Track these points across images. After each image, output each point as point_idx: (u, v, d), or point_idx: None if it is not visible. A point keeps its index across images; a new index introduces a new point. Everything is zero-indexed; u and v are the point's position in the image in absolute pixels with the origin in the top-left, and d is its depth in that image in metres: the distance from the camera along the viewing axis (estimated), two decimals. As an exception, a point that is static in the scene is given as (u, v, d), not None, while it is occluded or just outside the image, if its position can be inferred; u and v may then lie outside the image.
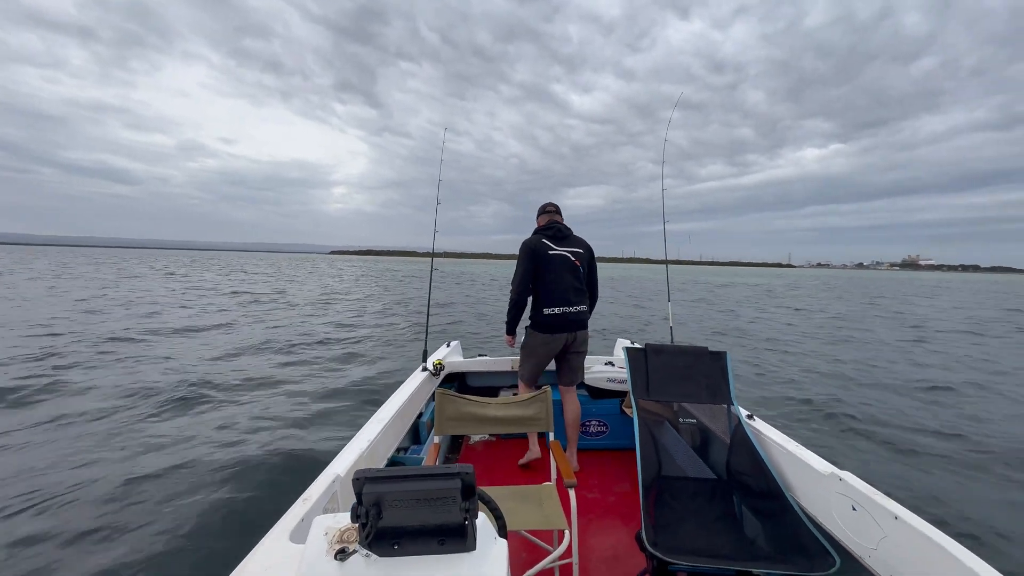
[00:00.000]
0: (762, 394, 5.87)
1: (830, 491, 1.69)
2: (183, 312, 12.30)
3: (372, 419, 2.24)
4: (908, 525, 1.36)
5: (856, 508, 1.56)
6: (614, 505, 2.56)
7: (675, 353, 2.50)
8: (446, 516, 0.83)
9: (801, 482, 1.87)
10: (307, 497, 1.45)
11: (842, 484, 1.64)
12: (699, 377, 2.42)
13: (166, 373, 6.10)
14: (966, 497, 3.35)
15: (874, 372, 7.34)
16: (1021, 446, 4.24)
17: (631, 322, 13.29)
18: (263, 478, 3.35)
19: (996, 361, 8.55)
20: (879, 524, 1.46)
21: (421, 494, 0.82)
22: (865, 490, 1.55)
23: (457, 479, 0.82)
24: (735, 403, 2.34)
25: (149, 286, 20.00)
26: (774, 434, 2.12)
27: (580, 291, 2.80)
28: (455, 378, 3.63)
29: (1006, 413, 5.33)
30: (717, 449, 2.32)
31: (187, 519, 2.83)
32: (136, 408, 4.75)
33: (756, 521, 1.92)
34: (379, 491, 0.81)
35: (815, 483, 1.78)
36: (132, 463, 3.54)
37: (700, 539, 1.82)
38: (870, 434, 4.49)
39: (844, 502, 1.62)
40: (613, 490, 2.71)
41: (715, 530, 1.89)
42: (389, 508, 0.82)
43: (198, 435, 4.11)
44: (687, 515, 1.98)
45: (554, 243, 2.79)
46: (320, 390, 5.60)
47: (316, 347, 8.31)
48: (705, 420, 2.48)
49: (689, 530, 1.88)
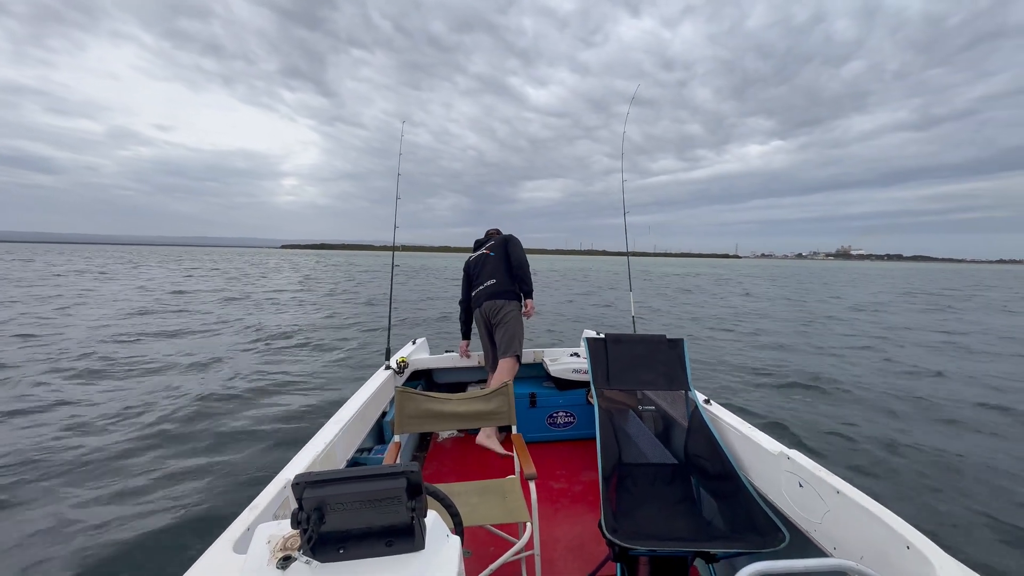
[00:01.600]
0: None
1: (779, 469, 1.77)
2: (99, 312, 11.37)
3: (330, 420, 2.17)
4: (849, 499, 1.44)
5: (803, 484, 1.64)
6: (580, 495, 2.59)
7: (634, 342, 2.55)
8: (393, 517, 0.81)
9: (753, 462, 1.95)
10: (255, 505, 1.37)
11: (790, 462, 1.72)
12: (657, 365, 2.48)
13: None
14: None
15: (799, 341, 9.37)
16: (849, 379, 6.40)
17: (596, 311, 13.68)
18: (216, 488, 3.18)
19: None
20: (823, 499, 1.54)
21: (365, 495, 0.79)
22: (810, 467, 1.64)
23: (402, 478, 0.80)
24: (692, 389, 2.42)
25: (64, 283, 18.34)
26: (729, 417, 2.21)
27: (491, 274, 3.27)
28: (422, 375, 3.57)
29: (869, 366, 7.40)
30: (676, 434, 2.39)
31: (129, 532, 2.68)
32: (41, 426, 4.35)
33: (712, 502, 1.99)
34: (320, 495, 0.78)
35: (765, 463, 1.86)
36: (67, 480, 3.25)
37: (659, 523, 1.87)
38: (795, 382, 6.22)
39: (792, 479, 1.70)
40: (580, 479, 2.74)
41: (674, 513, 1.95)
42: (332, 512, 0.79)
43: (137, 448, 3.81)
44: (647, 500, 2.03)
45: (473, 253, 3.45)
46: (277, 394, 5.36)
47: (266, 347, 7.92)
48: (665, 406, 2.55)
49: (649, 515, 1.93)
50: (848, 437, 4.32)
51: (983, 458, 3.95)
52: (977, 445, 4.24)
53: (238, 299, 14.93)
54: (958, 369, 7.21)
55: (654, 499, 2.04)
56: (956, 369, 7.20)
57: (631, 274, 3.75)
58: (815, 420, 4.79)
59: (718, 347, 8.58)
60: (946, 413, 5.09)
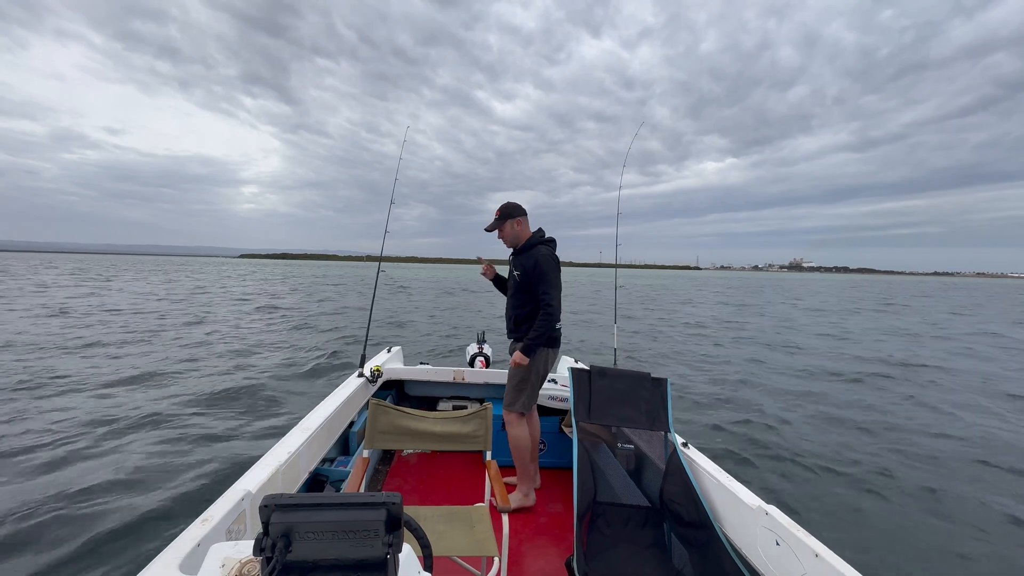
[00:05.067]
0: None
1: (756, 524, 1.69)
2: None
3: (296, 428, 2.03)
4: (828, 564, 1.37)
5: (780, 543, 1.56)
6: (546, 526, 2.49)
7: (618, 376, 2.47)
8: (367, 551, 0.73)
9: (729, 514, 1.87)
10: (207, 518, 1.23)
11: (767, 518, 1.64)
12: (639, 402, 2.39)
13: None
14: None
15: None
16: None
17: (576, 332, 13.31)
18: (167, 497, 2.95)
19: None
20: (800, 561, 1.47)
21: (340, 526, 0.72)
22: (788, 525, 1.56)
23: (383, 509, 0.73)
24: (672, 430, 2.34)
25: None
26: (707, 464, 2.12)
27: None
28: (393, 385, 3.43)
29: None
30: (652, 476, 2.31)
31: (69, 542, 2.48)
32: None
33: (684, 551, 1.92)
34: (290, 520, 0.70)
35: (742, 515, 1.79)
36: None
37: (629, 567, 1.82)
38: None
39: (769, 536, 1.62)
40: (547, 511, 2.64)
41: (644, 559, 1.89)
42: (300, 540, 0.71)
43: (83, 455, 3.45)
44: (619, 542, 1.97)
45: (547, 246, 2.61)
46: (248, 404, 5.01)
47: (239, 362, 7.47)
48: (642, 446, 2.47)
49: (619, 558, 1.87)
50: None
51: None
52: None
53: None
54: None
55: (626, 542, 1.98)
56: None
57: (615, 289, 3.63)
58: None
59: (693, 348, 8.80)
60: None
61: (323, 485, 2.30)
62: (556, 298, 2.48)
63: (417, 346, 9.35)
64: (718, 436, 4.73)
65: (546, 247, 2.58)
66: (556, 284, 2.50)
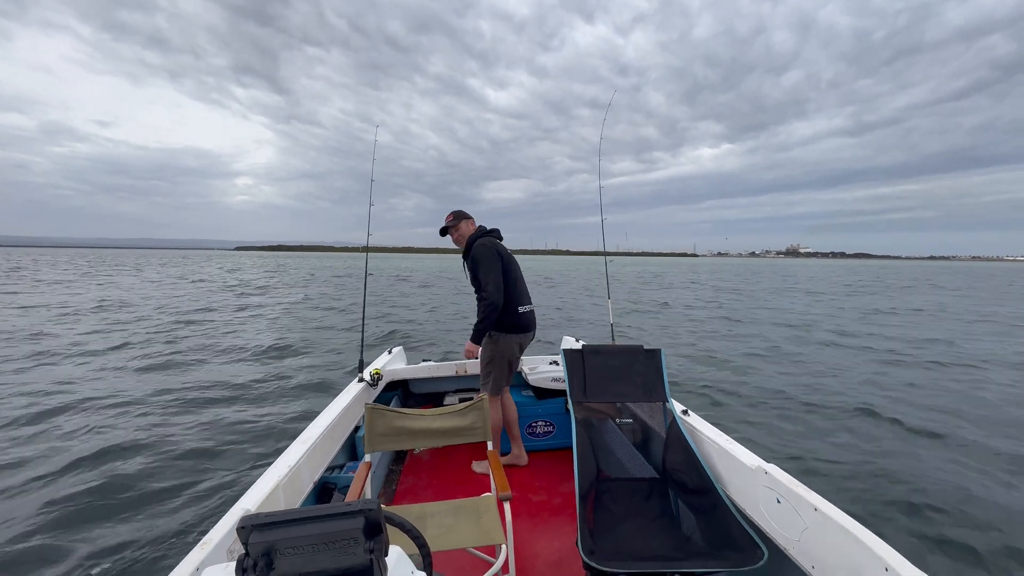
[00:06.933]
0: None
1: (757, 484, 1.74)
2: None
3: (296, 440, 2.03)
4: (827, 517, 1.42)
5: (780, 500, 1.61)
6: (559, 507, 2.52)
7: (611, 353, 2.49)
8: (350, 559, 0.75)
9: (731, 476, 1.92)
10: (206, 542, 1.24)
11: (767, 477, 1.69)
12: (635, 376, 2.42)
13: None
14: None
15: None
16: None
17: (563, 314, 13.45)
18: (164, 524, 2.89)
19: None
20: (801, 516, 1.52)
21: (319, 538, 0.74)
22: (788, 483, 1.61)
23: (360, 517, 0.75)
24: (670, 400, 2.36)
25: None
26: (707, 429, 2.16)
27: (528, 294, 2.87)
28: (398, 386, 3.41)
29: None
30: (655, 446, 2.34)
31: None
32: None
33: (691, 517, 1.95)
34: (269, 539, 0.73)
35: (744, 477, 1.83)
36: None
37: (637, 541, 1.83)
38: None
39: (770, 495, 1.66)
40: (559, 491, 2.68)
41: (652, 531, 1.90)
42: (282, 557, 0.73)
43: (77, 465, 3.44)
44: (625, 517, 1.98)
45: (490, 236, 2.84)
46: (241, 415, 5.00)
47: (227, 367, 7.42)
48: (644, 417, 2.50)
49: (626, 532, 1.88)
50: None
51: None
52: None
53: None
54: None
55: (633, 515, 1.99)
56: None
57: (607, 278, 3.64)
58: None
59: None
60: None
61: (331, 493, 2.31)
62: (493, 284, 2.60)
63: (420, 342, 9.25)
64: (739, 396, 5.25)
65: (486, 238, 2.80)
66: (492, 270, 2.62)
